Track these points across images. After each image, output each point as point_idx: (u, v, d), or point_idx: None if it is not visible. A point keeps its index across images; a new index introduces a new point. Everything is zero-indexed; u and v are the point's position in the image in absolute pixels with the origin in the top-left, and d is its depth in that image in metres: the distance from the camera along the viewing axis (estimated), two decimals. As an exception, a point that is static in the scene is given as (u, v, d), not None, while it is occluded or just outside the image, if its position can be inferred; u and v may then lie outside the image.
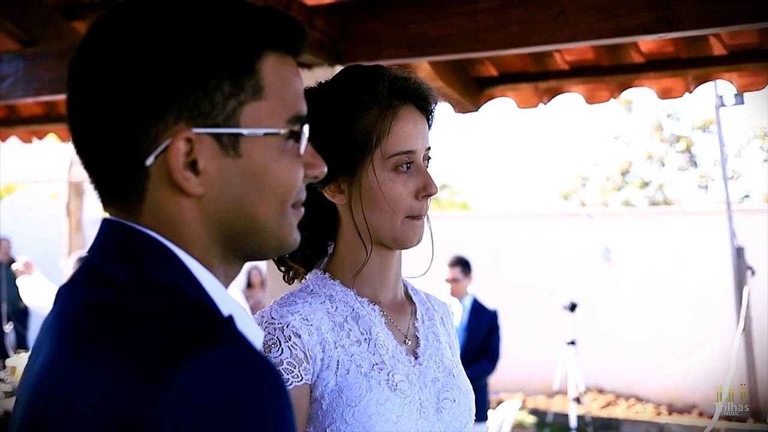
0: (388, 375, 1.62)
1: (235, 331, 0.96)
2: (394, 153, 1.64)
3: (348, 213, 1.70)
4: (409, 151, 1.65)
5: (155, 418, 0.84)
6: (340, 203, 1.70)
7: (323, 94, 1.71)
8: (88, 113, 1.01)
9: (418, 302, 1.84)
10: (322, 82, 1.75)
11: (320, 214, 1.73)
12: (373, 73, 1.70)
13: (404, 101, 1.68)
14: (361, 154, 1.65)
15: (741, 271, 11.12)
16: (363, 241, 1.69)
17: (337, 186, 1.68)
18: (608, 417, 11.17)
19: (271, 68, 1.05)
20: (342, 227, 1.73)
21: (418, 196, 1.67)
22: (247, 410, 0.86)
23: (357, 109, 1.66)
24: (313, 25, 3.55)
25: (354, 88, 1.68)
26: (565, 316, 10.02)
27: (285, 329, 1.57)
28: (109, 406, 0.87)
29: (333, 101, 1.68)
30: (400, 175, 1.66)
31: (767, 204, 21.99)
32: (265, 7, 1.07)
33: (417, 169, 1.67)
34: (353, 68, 1.76)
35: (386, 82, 1.67)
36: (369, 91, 1.66)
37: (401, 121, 1.66)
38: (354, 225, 1.69)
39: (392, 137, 1.64)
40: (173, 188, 1.00)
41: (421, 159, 1.68)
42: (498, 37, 3.48)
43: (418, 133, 1.68)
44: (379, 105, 1.66)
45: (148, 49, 0.98)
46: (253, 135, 1.02)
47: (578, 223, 12.99)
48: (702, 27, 3.25)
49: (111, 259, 1.02)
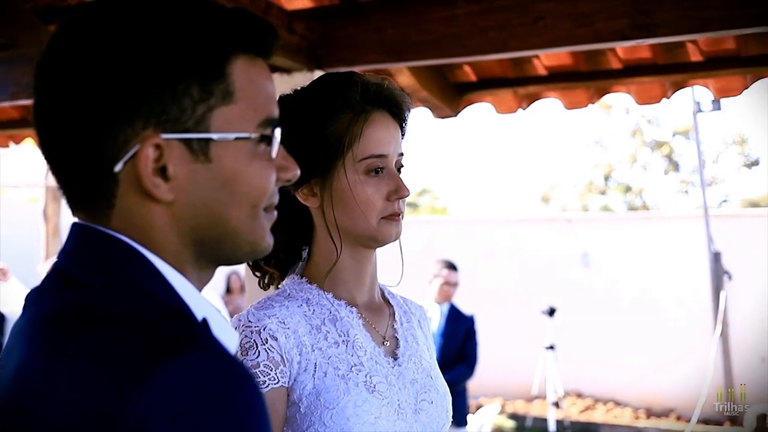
0: (366, 377, 1.63)
1: (209, 335, 0.95)
2: (366, 156, 1.66)
3: (321, 216, 1.72)
4: (380, 155, 1.68)
5: (129, 424, 0.83)
6: (313, 206, 1.72)
7: (298, 99, 1.74)
8: (55, 119, 1.00)
9: (395, 305, 1.85)
10: (298, 89, 1.77)
11: (295, 219, 1.74)
12: (347, 79, 1.72)
13: (377, 107, 1.70)
14: (333, 157, 1.67)
15: (718, 276, 11.21)
16: (335, 243, 1.70)
17: (309, 189, 1.70)
18: (587, 421, 11.21)
19: (241, 71, 1.03)
20: (316, 231, 1.75)
21: (389, 199, 1.68)
22: (221, 414, 0.86)
23: (330, 114, 1.68)
24: (293, 30, 3.54)
25: (328, 94, 1.70)
26: (543, 321, 10.07)
27: (262, 332, 1.58)
28: (81, 412, 0.86)
29: (307, 106, 1.71)
30: (372, 179, 1.67)
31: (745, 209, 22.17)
32: (234, 9, 1.06)
33: (388, 173, 1.69)
34: (328, 75, 1.79)
35: (359, 88, 1.69)
36: (343, 96, 1.68)
37: (373, 126, 1.68)
38: (327, 227, 1.71)
39: (364, 141, 1.66)
40: (143, 194, 0.99)
41: (392, 164, 1.70)
42: (477, 43, 3.49)
43: (390, 138, 1.70)
44: (352, 109, 1.68)
45: (114, 54, 0.97)
46: (223, 140, 1.01)
47: (557, 228, 13.05)
48: (679, 33, 3.27)
49: (82, 264, 1.00)
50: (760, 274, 11.21)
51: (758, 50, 3.85)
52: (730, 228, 11.82)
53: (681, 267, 11.84)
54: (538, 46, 3.48)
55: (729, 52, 3.98)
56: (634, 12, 3.23)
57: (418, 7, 3.58)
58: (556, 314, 10.11)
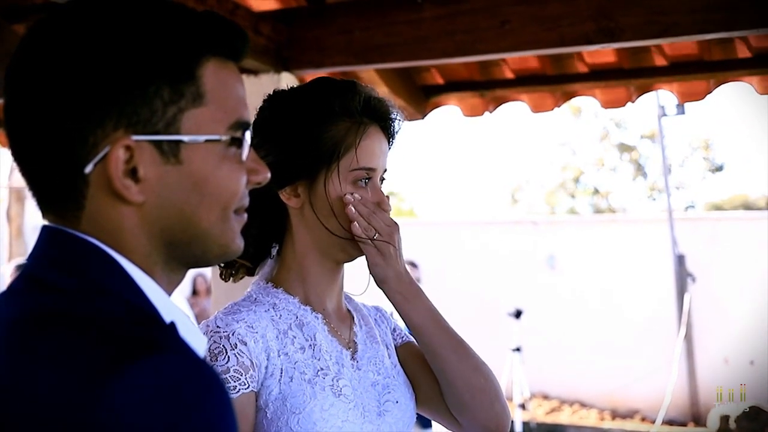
0: (332, 381, 1.64)
1: (177, 338, 0.95)
2: (358, 168, 1.68)
3: (300, 218, 1.72)
4: (371, 168, 1.69)
5: (97, 425, 0.83)
6: (293, 207, 1.72)
7: (295, 97, 1.74)
8: (25, 120, 1.00)
9: (352, 309, 1.86)
10: (294, 87, 1.78)
11: (269, 215, 1.73)
12: (349, 86, 1.73)
13: (374, 120, 1.72)
14: (325, 162, 1.67)
15: (682, 279, 11.33)
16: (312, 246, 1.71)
17: (294, 189, 1.70)
18: (553, 423, 11.27)
19: (212, 74, 1.04)
20: (291, 231, 1.75)
21: None
22: (189, 416, 0.86)
23: (328, 118, 1.68)
24: (259, 32, 3.53)
25: (328, 97, 1.70)
26: (510, 323, 10.11)
27: (231, 337, 1.58)
28: (49, 414, 0.85)
29: (305, 105, 1.71)
30: (358, 190, 1.69)
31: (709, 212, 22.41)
32: (205, 12, 1.06)
33: (373, 186, 1.71)
34: (328, 78, 1.79)
35: (362, 98, 1.71)
36: (343, 103, 1.69)
37: (369, 138, 1.69)
38: (304, 230, 1.71)
39: (358, 151, 1.67)
40: (113, 196, 0.99)
41: (378, 178, 1.73)
42: (444, 46, 3.50)
43: (381, 153, 1.72)
44: (350, 118, 1.69)
45: (85, 55, 0.97)
46: (193, 142, 1.01)
47: (523, 230, 13.11)
48: (644, 38, 3.30)
49: (51, 267, 1.00)
50: (724, 276, 11.35)
51: (721, 55, 3.89)
52: (694, 231, 11.94)
53: (646, 269, 11.94)
54: (505, 50, 3.49)
55: (693, 57, 4.02)
56: (600, 17, 3.25)
57: (385, 10, 3.58)
58: (523, 316, 10.16)
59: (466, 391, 1.72)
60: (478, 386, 1.72)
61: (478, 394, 1.72)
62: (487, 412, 1.73)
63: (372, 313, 1.93)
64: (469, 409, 1.72)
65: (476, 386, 1.72)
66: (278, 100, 1.75)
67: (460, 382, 1.72)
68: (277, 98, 1.75)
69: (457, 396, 1.72)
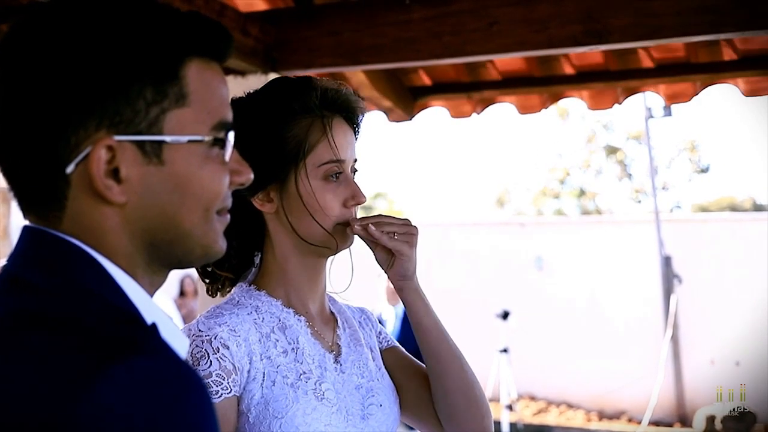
0: (315, 384, 1.63)
1: (159, 339, 0.95)
2: (325, 162, 1.66)
3: (277, 222, 1.71)
4: (339, 160, 1.67)
5: (78, 426, 0.83)
6: (268, 212, 1.70)
7: (253, 102, 1.72)
8: (6, 119, 0.99)
9: (336, 311, 1.84)
10: (251, 91, 1.76)
11: (247, 224, 1.72)
12: (305, 83, 1.72)
13: (335, 112, 1.70)
14: (292, 162, 1.66)
15: (669, 280, 11.38)
16: (292, 249, 1.70)
17: (266, 194, 1.68)
18: (540, 424, 11.29)
19: (196, 75, 1.03)
20: (270, 237, 1.73)
21: (347, 205, 1.69)
22: (169, 418, 0.86)
23: (288, 118, 1.67)
24: (247, 33, 3.52)
25: (286, 97, 1.69)
26: (497, 324, 10.12)
27: (213, 341, 1.57)
28: (30, 414, 0.85)
29: (264, 109, 1.69)
30: (330, 184, 1.67)
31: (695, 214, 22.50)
32: (189, 13, 1.05)
33: (345, 178, 1.69)
34: (284, 78, 1.78)
35: (318, 93, 1.69)
36: (301, 100, 1.68)
37: (332, 131, 1.67)
38: (282, 234, 1.70)
39: (323, 146, 1.66)
40: (95, 196, 0.98)
41: (349, 169, 1.71)
42: (431, 47, 3.50)
43: (347, 144, 1.70)
44: (310, 114, 1.67)
45: (67, 55, 0.96)
46: (176, 142, 1.00)
47: (511, 231, 13.13)
48: (631, 40, 3.31)
49: (32, 267, 1.00)
50: (710, 277, 11.40)
51: (708, 58, 3.92)
52: (681, 232, 12.00)
53: (633, 271, 11.98)
54: (493, 51, 3.49)
55: (679, 59, 4.04)
56: (587, 18, 3.26)
57: (373, 11, 3.58)
58: (510, 317, 10.17)
59: (462, 400, 1.73)
60: (473, 397, 1.75)
61: (472, 405, 1.74)
62: (478, 423, 1.75)
63: (356, 315, 1.92)
64: (461, 418, 1.74)
65: (472, 397, 1.75)
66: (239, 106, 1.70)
67: (458, 390, 1.73)
68: (238, 104, 1.71)
69: (452, 404, 1.73)
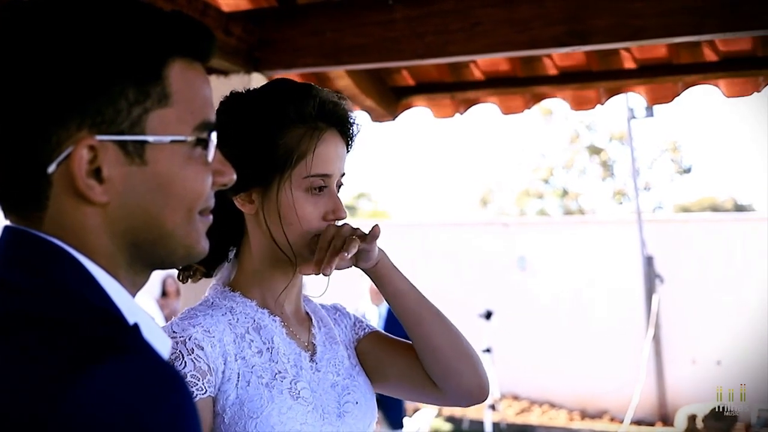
0: (290, 384, 1.63)
1: (141, 339, 0.94)
2: (312, 174, 1.65)
3: (255, 223, 1.71)
4: (326, 174, 1.67)
5: (60, 425, 0.82)
6: (248, 213, 1.70)
7: (249, 101, 1.70)
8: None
9: (311, 311, 1.85)
10: (250, 89, 1.75)
11: (226, 219, 1.70)
12: (304, 90, 1.70)
13: (330, 124, 1.69)
14: (279, 169, 1.65)
15: (651, 280, 11.43)
16: (269, 251, 1.70)
17: (248, 196, 1.68)
18: (523, 423, 11.33)
19: (178, 75, 1.03)
20: (248, 236, 1.73)
21: (326, 218, 1.68)
22: (152, 417, 0.85)
23: (282, 124, 1.65)
24: (230, 32, 3.51)
25: (282, 102, 1.67)
26: (480, 324, 10.14)
27: (187, 342, 1.56)
28: (10, 415, 0.85)
29: (259, 110, 1.67)
30: (313, 196, 1.66)
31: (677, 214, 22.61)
32: (172, 12, 1.05)
33: (329, 192, 1.69)
34: (284, 81, 1.76)
35: (317, 103, 1.67)
36: (297, 107, 1.66)
37: (324, 144, 1.66)
38: (260, 235, 1.70)
39: (313, 159, 1.65)
40: (76, 196, 0.98)
41: (334, 183, 1.70)
42: (414, 47, 3.49)
43: (337, 158, 1.69)
44: (305, 124, 1.66)
45: (48, 54, 0.96)
46: (159, 142, 1.00)
47: (494, 231, 13.16)
48: (613, 41, 3.32)
49: (13, 268, 0.99)
50: (691, 277, 11.47)
51: (690, 59, 3.93)
52: (663, 232, 12.06)
53: (615, 270, 12.04)
54: (476, 52, 3.50)
55: (661, 60, 4.05)
56: (570, 19, 3.27)
57: (356, 11, 3.58)
58: (493, 317, 10.20)
59: (453, 355, 1.73)
60: (464, 351, 1.74)
61: (464, 359, 1.74)
62: (472, 376, 1.74)
63: (331, 313, 1.91)
64: (456, 373, 1.73)
65: (462, 351, 1.74)
66: (234, 104, 1.71)
67: (447, 346, 1.73)
68: (233, 102, 1.71)
69: (444, 361, 1.72)
